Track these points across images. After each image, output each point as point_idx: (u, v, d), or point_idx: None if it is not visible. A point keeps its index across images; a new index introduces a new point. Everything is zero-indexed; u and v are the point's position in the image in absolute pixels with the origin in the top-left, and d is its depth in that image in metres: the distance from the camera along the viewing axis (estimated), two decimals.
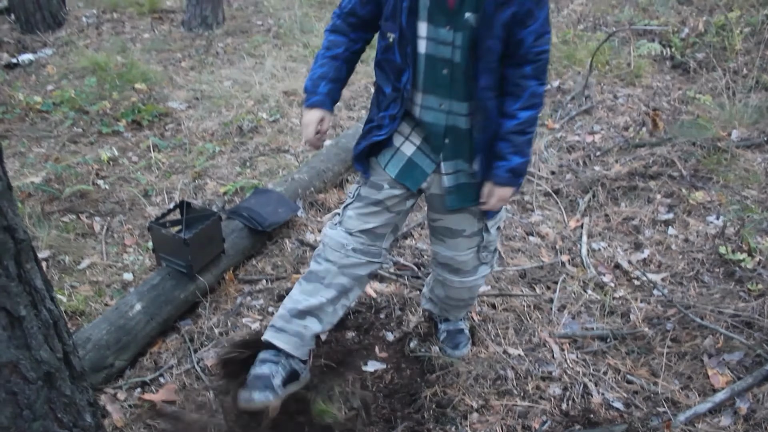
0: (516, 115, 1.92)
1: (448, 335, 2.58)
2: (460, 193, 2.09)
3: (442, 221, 2.21)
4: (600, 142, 4.13)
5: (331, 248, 2.13)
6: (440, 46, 1.88)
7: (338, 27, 2.07)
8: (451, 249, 2.24)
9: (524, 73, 1.88)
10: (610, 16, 6.14)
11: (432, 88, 1.95)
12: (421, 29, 1.87)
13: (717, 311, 2.72)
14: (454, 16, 1.83)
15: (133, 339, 2.54)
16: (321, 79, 2.05)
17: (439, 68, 1.91)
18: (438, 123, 2.00)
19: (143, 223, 3.48)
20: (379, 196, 2.12)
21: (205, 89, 5.12)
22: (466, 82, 1.91)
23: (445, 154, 2.05)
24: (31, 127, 4.56)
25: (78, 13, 7.06)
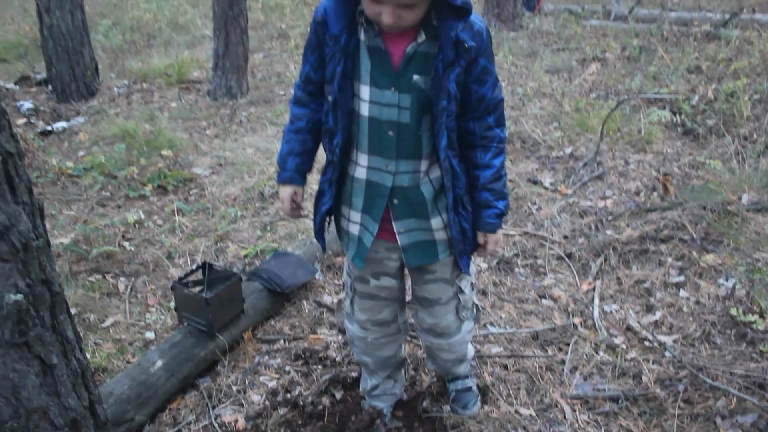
0: (490, 164, 2.00)
1: (457, 394, 2.62)
2: (418, 250, 2.10)
3: (418, 291, 2.28)
4: (612, 206, 4.21)
5: (358, 340, 2.42)
6: (385, 108, 1.88)
7: (299, 99, 2.11)
8: (432, 317, 2.30)
9: (489, 124, 1.96)
10: (621, 85, 6.32)
11: (378, 149, 1.95)
12: (364, 92, 1.88)
13: (729, 372, 2.74)
14: (398, 78, 1.84)
15: (154, 395, 2.61)
16: (288, 155, 2.13)
17: (384, 130, 1.91)
18: (384, 184, 1.99)
19: (166, 283, 3.59)
20: (369, 290, 2.25)
21: (229, 156, 5.31)
22: (416, 141, 1.93)
23: (395, 214, 2.03)
24: (63, 190, 4.76)
25: (110, 83, 7.40)
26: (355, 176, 2.02)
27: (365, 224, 2.07)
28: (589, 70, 6.98)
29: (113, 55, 8.89)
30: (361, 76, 1.87)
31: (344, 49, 1.83)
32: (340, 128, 1.94)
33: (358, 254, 2.11)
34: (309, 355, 2.90)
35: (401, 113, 1.88)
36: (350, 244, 2.14)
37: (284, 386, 2.73)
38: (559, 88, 6.46)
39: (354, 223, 2.10)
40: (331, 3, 1.85)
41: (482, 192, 2.04)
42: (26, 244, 1.53)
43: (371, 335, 2.36)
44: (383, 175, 1.98)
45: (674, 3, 10.40)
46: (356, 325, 2.37)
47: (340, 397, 2.67)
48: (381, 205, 2.02)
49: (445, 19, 1.77)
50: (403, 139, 1.92)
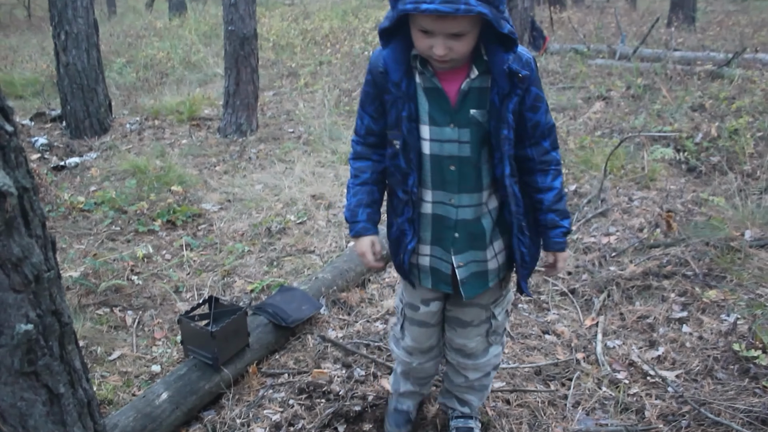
0: (552, 186, 2.09)
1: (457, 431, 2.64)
2: (473, 282, 2.18)
3: (453, 312, 2.35)
4: (615, 243, 4.24)
5: (404, 362, 2.55)
6: (445, 144, 1.98)
7: (360, 153, 2.21)
8: (462, 337, 2.38)
9: (545, 148, 2.05)
10: (626, 123, 6.40)
11: (441, 184, 2.04)
12: (424, 132, 1.98)
13: (731, 408, 2.74)
14: (456, 114, 1.94)
15: (158, 427, 2.64)
16: (358, 206, 2.20)
17: (446, 165, 2.00)
18: (449, 217, 2.08)
19: (173, 317, 3.64)
20: (419, 317, 2.36)
21: (237, 192, 5.40)
22: (476, 174, 2.02)
23: (456, 247, 2.12)
24: (74, 224, 4.84)
25: (123, 120, 7.55)
26: (422, 212, 2.12)
27: (436, 255, 2.16)
28: (593, 109, 7.07)
29: (126, 92, 9.08)
30: (420, 117, 1.98)
31: (406, 93, 1.94)
32: (413, 168, 2.03)
33: (442, 281, 2.20)
34: (313, 389, 2.93)
35: (461, 147, 1.98)
36: (423, 275, 2.23)
37: (288, 420, 2.75)
38: (564, 125, 6.55)
39: (424, 255, 2.19)
40: (389, 52, 1.95)
41: (548, 214, 2.12)
42: (38, 276, 1.58)
43: (416, 361, 2.49)
44: (447, 208, 2.07)
45: (678, 43, 10.54)
46: (403, 350, 2.49)
47: (343, 431, 2.69)
48: (449, 237, 2.11)
49: (494, 53, 1.87)
50: (465, 173, 2.01)
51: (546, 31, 11.82)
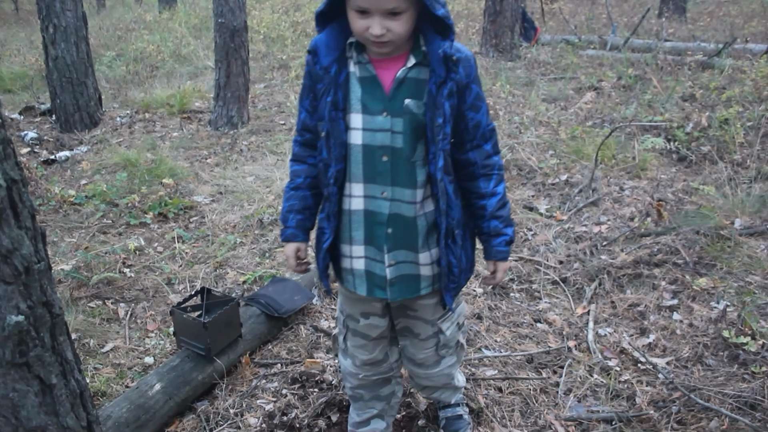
0: (495, 192, 2.04)
1: (447, 422, 2.63)
2: (402, 284, 2.07)
3: (401, 323, 2.30)
4: (606, 232, 4.26)
5: (350, 376, 2.43)
6: (377, 134, 1.90)
7: (296, 155, 2.14)
8: (412, 347, 2.33)
9: (487, 152, 2.01)
10: (616, 113, 6.42)
11: (372, 176, 1.95)
12: (355, 120, 1.91)
13: (721, 393, 2.77)
14: (390, 102, 1.88)
15: (152, 417, 2.64)
16: (288, 212, 2.15)
17: (378, 156, 1.92)
18: (381, 212, 1.97)
19: (166, 309, 3.64)
20: (360, 329, 2.27)
21: (229, 184, 5.39)
22: (410, 168, 1.94)
23: (389, 244, 2.01)
24: (65, 218, 4.82)
25: (113, 113, 7.52)
26: (352, 209, 2.00)
27: (370, 255, 2.04)
28: (584, 99, 7.09)
29: (116, 85, 9.03)
30: (352, 105, 1.91)
31: (334, 80, 1.88)
32: (333, 159, 1.94)
33: (377, 285, 2.07)
34: (306, 379, 2.93)
35: (394, 138, 1.90)
36: (358, 281, 2.09)
37: (281, 409, 2.76)
38: (556, 116, 6.56)
39: (357, 258, 2.06)
40: (323, 36, 1.92)
41: (491, 221, 2.07)
42: (28, 268, 1.58)
43: (363, 372, 2.38)
44: (379, 202, 1.97)
45: (669, 33, 10.57)
46: (349, 360, 2.39)
47: (336, 420, 2.70)
48: (381, 234, 2.00)
49: (432, 42, 1.84)
50: (398, 165, 1.93)
51: (537, 22, 11.82)
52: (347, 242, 2.06)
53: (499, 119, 6.43)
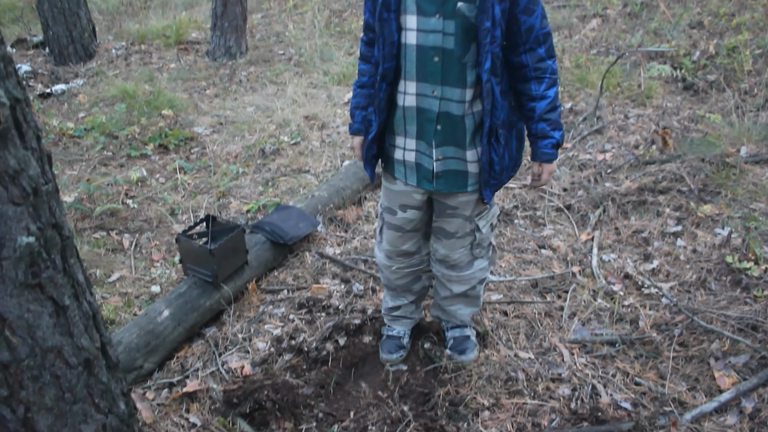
0: (545, 95, 2.08)
1: (454, 342, 2.68)
2: (450, 178, 2.19)
3: (438, 222, 2.37)
4: (611, 160, 4.24)
5: (384, 268, 2.57)
6: (430, 35, 1.98)
7: (362, 54, 2.26)
8: (446, 248, 2.41)
9: (540, 55, 2.05)
10: (622, 41, 6.29)
11: (424, 75, 2.04)
12: (410, 21, 1.99)
13: (723, 316, 2.80)
14: (443, 4, 1.94)
15: (162, 343, 2.68)
16: (355, 108, 2.32)
17: (430, 56, 2.00)
18: (431, 109, 2.09)
19: (170, 239, 3.64)
20: (396, 222, 2.37)
21: (229, 115, 5.32)
22: (460, 68, 2.01)
23: (437, 140, 2.13)
24: (64, 151, 4.78)
25: (108, 45, 7.36)
26: (405, 105, 2.11)
27: (421, 149, 2.17)
28: (589, 26, 6.93)
29: (110, 16, 8.81)
30: (408, 7, 1.97)
31: None
32: (382, 57, 2.04)
33: (425, 178, 2.20)
34: (312, 304, 2.96)
35: (446, 39, 1.97)
36: (408, 172, 2.23)
37: (289, 333, 2.80)
38: (560, 44, 6.42)
39: (410, 150, 2.19)
40: None
41: (539, 123, 2.12)
42: (36, 189, 1.56)
43: (395, 264, 2.51)
44: (430, 100, 2.07)
45: None
46: (383, 253, 2.52)
47: (344, 343, 2.74)
48: (430, 130, 2.12)
49: None
50: (448, 65, 2.00)
51: None
52: (402, 135, 2.20)
53: None
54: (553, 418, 2.38)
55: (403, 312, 2.69)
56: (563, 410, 2.42)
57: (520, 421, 2.37)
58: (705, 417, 2.37)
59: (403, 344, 2.70)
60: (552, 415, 2.40)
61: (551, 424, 2.36)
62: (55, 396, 1.68)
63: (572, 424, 2.35)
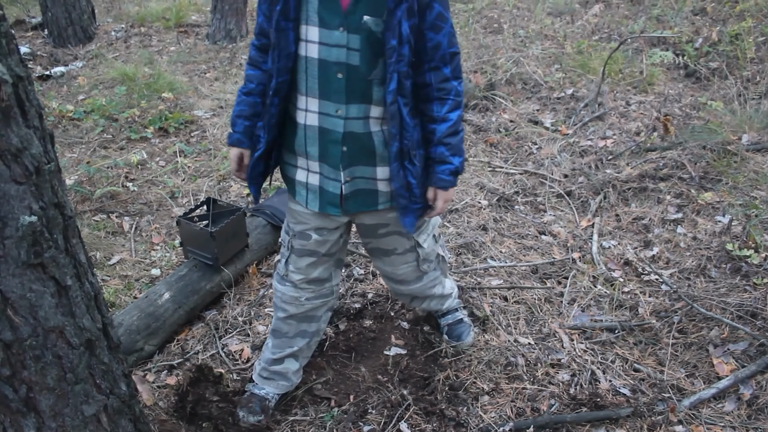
0: (447, 118, 1.95)
1: (449, 328, 2.67)
2: (358, 198, 2.05)
3: (372, 243, 2.27)
4: (612, 146, 4.23)
5: (286, 303, 2.29)
6: (333, 49, 1.83)
7: (252, 59, 2.06)
8: (388, 265, 2.31)
9: (445, 75, 1.91)
10: (624, 27, 6.26)
11: (327, 93, 1.89)
12: (312, 34, 1.84)
13: (723, 303, 2.81)
14: (347, 17, 1.80)
15: (162, 325, 2.68)
16: (237, 117, 2.09)
17: (333, 72, 1.86)
18: (335, 130, 1.93)
19: (170, 222, 3.64)
20: (310, 246, 2.17)
21: (229, 98, 5.30)
22: (366, 86, 1.88)
23: (344, 163, 1.98)
24: (64, 133, 4.76)
25: (107, 27, 7.32)
26: (307, 124, 1.96)
27: (324, 173, 2.01)
28: (592, 12, 6.89)
29: None
30: (309, 17, 1.83)
31: None
32: (276, 70, 1.89)
33: (330, 203, 2.05)
34: None
35: (350, 55, 1.83)
36: (310, 197, 2.07)
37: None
38: (561, 30, 6.39)
39: (313, 173, 2.03)
40: None
41: (438, 146, 1.98)
42: (38, 168, 1.55)
43: (305, 295, 2.26)
44: (334, 120, 1.92)
45: None
46: (289, 285, 2.26)
47: (344, 328, 2.74)
48: (336, 153, 1.96)
49: None
50: (353, 82, 1.86)
51: None
52: (303, 156, 2.03)
53: (504, 33, 6.27)
54: (552, 404, 2.39)
55: (285, 368, 2.38)
56: (562, 395, 2.43)
57: (519, 405, 2.38)
58: (703, 403, 2.38)
59: (268, 407, 2.37)
60: (551, 400, 2.41)
61: (550, 409, 2.37)
62: (57, 376, 1.68)
63: (571, 410, 2.36)
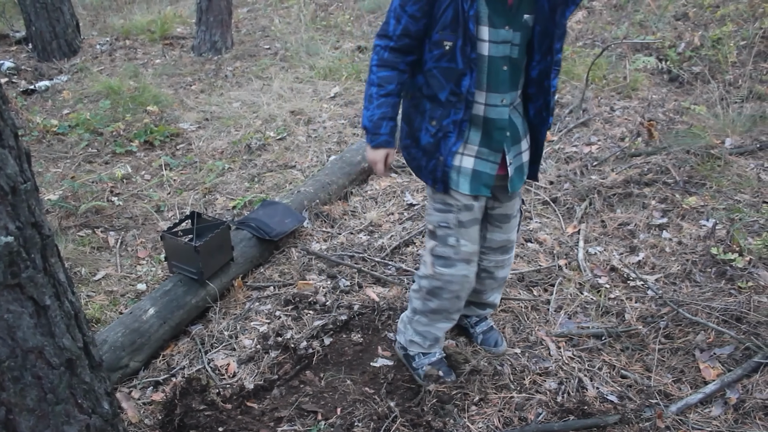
0: (553, 85, 2.20)
1: (484, 336, 2.69)
2: (518, 175, 2.29)
3: (499, 209, 2.40)
4: (597, 152, 4.25)
5: (457, 281, 2.33)
6: (500, 45, 2.04)
7: (387, 61, 2.13)
8: (507, 232, 2.46)
9: (557, 48, 2.14)
10: (608, 33, 6.30)
11: (495, 86, 2.10)
12: (483, 33, 2.02)
13: (708, 308, 2.81)
14: (512, 16, 2.02)
15: (147, 341, 2.66)
16: (382, 119, 2.17)
17: (500, 66, 2.07)
18: (502, 118, 2.14)
19: (156, 236, 3.62)
20: (475, 214, 2.28)
21: (215, 110, 5.29)
22: (519, 75, 2.13)
23: (508, 145, 2.20)
24: (48, 148, 4.74)
25: (92, 40, 7.30)
26: (472, 113, 2.14)
27: (483, 156, 2.19)
28: (575, 19, 6.93)
29: (94, 12, 8.73)
30: (480, 18, 2.01)
31: None
32: (469, 68, 2.04)
33: (484, 184, 2.21)
34: (299, 300, 2.96)
35: (513, 49, 2.06)
36: (462, 180, 2.21)
37: (275, 330, 2.79)
38: None
39: (468, 156, 2.19)
40: None
41: None
42: (14, 187, 1.54)
43: (472, 270, 2.35)
44: (500, 109, 2.13)
45: None
46: (461, 263, 2.31)
47: (331, 340, 2.73)
48: (500, 138, 2.17)
49: None
50: (513, 73, 2.11)
51: None
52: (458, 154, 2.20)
53: None
54: (539, 412, 2.39)
55: (441, 336, 2.53)
56: (550, 404, 2.42)
57: (506, 415, 2.37)
58: (690, 408, 2.38)
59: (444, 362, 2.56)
60: (539, 408, 2.40)
61: (538, 418, 2.36)
62: (37, 397, 1.66)
63: (559, 418, 2.35)
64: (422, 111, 2.19)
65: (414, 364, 2.55)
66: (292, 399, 2.49)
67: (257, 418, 2.39)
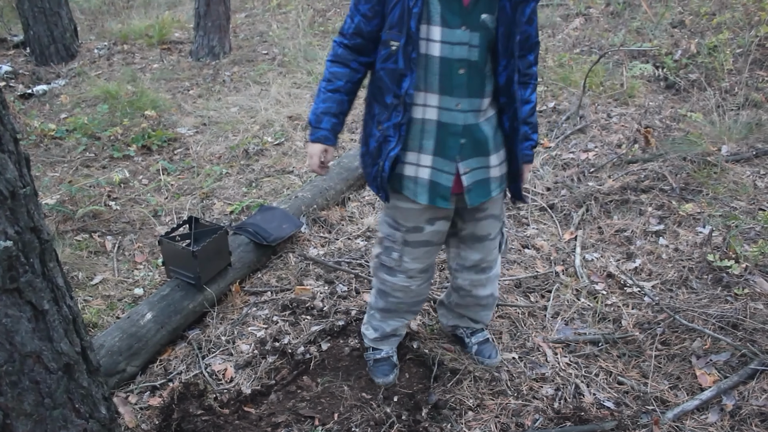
0: (529, 99, 2.15)
1: (479, 347, 2.66)
2: (477, 189, 2.15)
3: (467, 229, 2.32)
4: (594, 159, 4.26)
5: (397, 290, 2.40)
6: (456, 47, 1.95)
7: (340, 56, 2.11)
8: (480, 252, 2.36)
9: (530, 61, 2.11)
10: (605, 40, 6.32)
11: (449, 89, 2.00)
12: (434, 33, 1.94)
13: (705, 314, 2.82)
14: (468, 16, 1.92)
15: (144, 346, 2.66)
16: (324, 114, 2.14)
17: (456, 68, 1.97)
18: (456, 123, 2.04)
19: (153, 241, 3.62)
20: (424, 237, 2.25)
21: (213, 115, 5.30)
22: (480, 80, 2.01)
23: (462, 154, 2.08)
24: (46, 152, 4.74)
25: (90, 45, 7.30)
26: (425, 118, 2.05)
27: (437, 166, 2.10)
28: (572, 26, 6.96)
29: (92, 16, 8.74)
30: (432, 17, 1.93)
31: None
32: (412, 69, 1.97)
33: (441, 196, 2.12)
34: (296, 306, 2.96)
35: (471, 51, 1.96)
36: (420, 190, 2.13)
37: (272, 335, 2.79)
38: (543, 43, 6.45)
39: (424, 167, 2.11)
40: None
41: (522, 126, 2.14)
42: (13, 192, 1.55)
43: (416, 283, 2.38)
44: (454, 114, 2.03)
45: None
46: (401, 276, 2.36)
47: (328, 345, 2.73)
48: (454, 145, 2.07)
49: None
50: (472, 77, 2.00)
51: None
52: (416, 150, 2.11)
53: None
54: (536, 418, 2.39)
55: (398, 332, 2.60)
56: (547, 410, 2.43)
57: (503, 421, 2.37)
58: (687, 415, 2.39)
59: (395, 363, 2.62)
60: (535, 414, 2.41)
61: (535, 424, 2.37)
62: (35, 401, 1.66)
63: (555, 424, 2.36)
64: (373, 115, 2.14)
65: (365, 355, 2.65)
66: (289, 404, 2.49)
67: (254, 423, 2.39)
